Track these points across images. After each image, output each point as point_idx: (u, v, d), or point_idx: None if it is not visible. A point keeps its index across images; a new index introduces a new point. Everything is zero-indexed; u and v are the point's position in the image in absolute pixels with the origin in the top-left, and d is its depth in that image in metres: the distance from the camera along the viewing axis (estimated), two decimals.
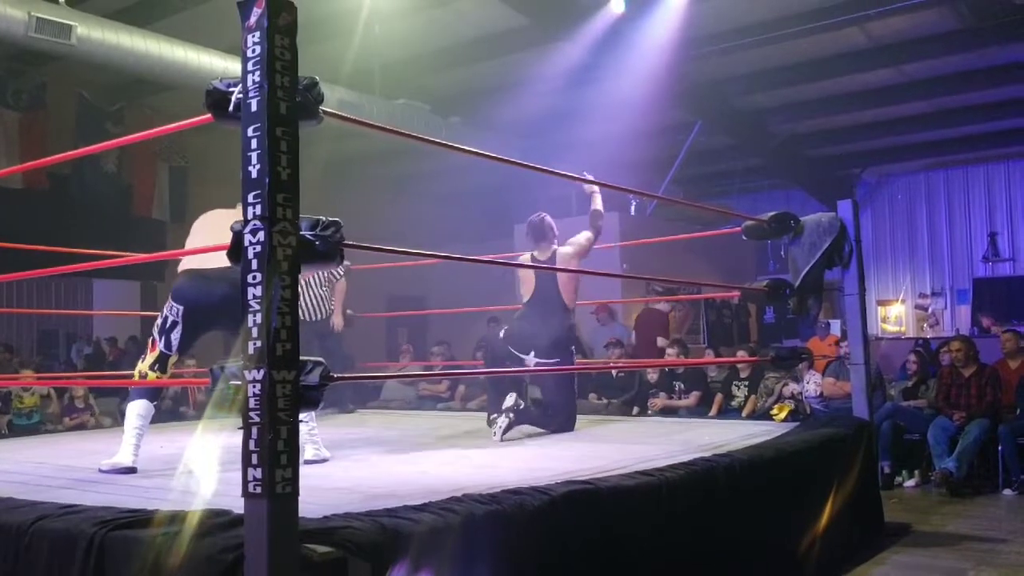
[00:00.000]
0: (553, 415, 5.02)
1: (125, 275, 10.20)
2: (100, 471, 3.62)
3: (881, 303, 13.92)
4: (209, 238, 3.63)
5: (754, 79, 10.17)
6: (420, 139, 3.56)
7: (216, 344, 4.31)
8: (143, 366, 3.79)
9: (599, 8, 8.25)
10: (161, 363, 3.77)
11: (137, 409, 3.75)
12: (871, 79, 10.17)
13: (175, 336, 3.74)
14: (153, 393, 3.85)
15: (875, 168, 14.09)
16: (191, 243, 3.91)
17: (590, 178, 4.98)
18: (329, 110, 2.57)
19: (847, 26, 8.51)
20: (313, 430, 3.91)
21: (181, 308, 3.74)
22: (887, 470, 6.40)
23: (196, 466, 3.47)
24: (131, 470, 3.61)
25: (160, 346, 3.76)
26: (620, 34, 8.40)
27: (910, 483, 6.49)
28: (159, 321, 3.80)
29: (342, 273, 6.47)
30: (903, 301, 13.91)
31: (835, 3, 8.16)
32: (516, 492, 2.68)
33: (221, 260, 2.86)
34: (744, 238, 5.07)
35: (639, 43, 8.45)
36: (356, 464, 3.89)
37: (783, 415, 5.91)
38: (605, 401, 7.75)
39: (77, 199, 9.56)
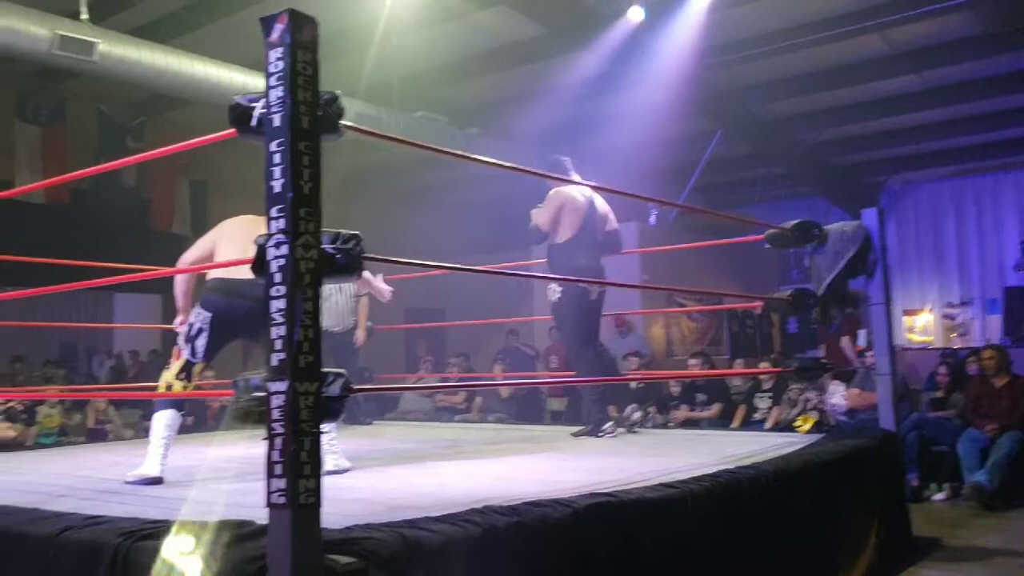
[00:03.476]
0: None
1: (146, 289, 10.27)
2: (126, 483, 3.63)
3: (907, 312, 13.76)
4: (238, 249, 3.66)
5: (775, 87, 10.13)
6: (438, 151, 3.56)
7: (236, 356, 4.32)
8: (169, 376, 3.82)
9: (618, 18, 8.24)
10: (187, 371, 3.80)
11: (164, 419, 3.75)
12: (894, 86, 10.09)
13: (200, 343, 3.77)
14: (179, 403, 3.85)
15: (900, 176, 13.96)
16: (218, 248, 3.92)
17: None
18: (349, 124, 2.57)
19: (868, 32, 8.45)
20: (333, 440, 3.91)
21: (209, 316, 3.77)
22: (915, 483, 6.32)
23: (217, 478, 3.47)
24: (158, 480, 3.62)
25: (185, 354, 3.79)
26: (639, 43, 8.38)
27: (939, 496, 6.40)
28: (185, 330, 3.83)
29: (366, 289, 6.49)
30: (930, 310, 13.75)
31: (856, 10, 8.11)
32: (537, 504, 2.66)
33: (249, 272, 2.96)
34: (767, 247, 5.04)
35: (658, 52, 8.43)
36: (375, 475, 3.88)
37: (807, 426, 5.84)
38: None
39: (97, 214, 9.65)
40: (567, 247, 5.36)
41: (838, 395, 6.78)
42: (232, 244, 3.83)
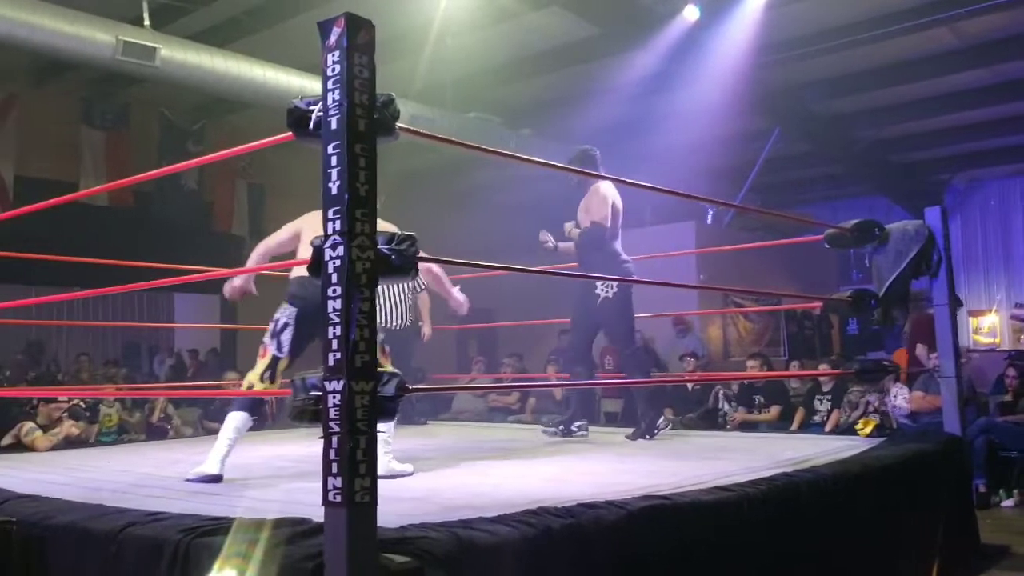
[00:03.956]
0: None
1: (205, 289, 10.47)
2: (187, 480, 3.69)
3: (973, 314, 13.40)
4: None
5: (835, 84, 9.93)
6: (490, 151, 3.55)
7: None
8: (252, 376, 3.88)
9: (672, 16, 8.17)
10: (272, 369, 3.86)
11: (235, 421, 3.82)
12: (961, 80, 9.80)
13: (286, 338, 3.85)
14: (254, 407, 3.92)
15: (966, 173, 13.60)
16: (303, 239, 3.98)
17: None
18: (404, 126, 2.59)
19: (936, 26, 8.24)
20: (390, 437, 3.93)
21: (295, 311, 3.87)
22: (982, 488, 6.14)
23: (275, 476, 3.51)
24: (217, 478, 3.68)
25: (272, 349, 3.86)
26: (695, 41, 8.29)
27: (1008, 503, 6.21)
28: (271, 326, 3.92)
29: (424, 285, 6.51)
30: (996, 311, 13.37)
31: (923, 3, 7.92)
32: (592, 506, 2.65)
33: None
34: (826, 246, 4.94)
35: (714, 50, 8.33)
36: (430, 475, 3.90)
37: (868, 430, 5.71)
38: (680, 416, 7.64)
39: (159, 216, 9.86)
40: (614, 244, 5.33)
41: (900, 397, 6.61)
42: (307, 242, 3.89)
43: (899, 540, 3.88)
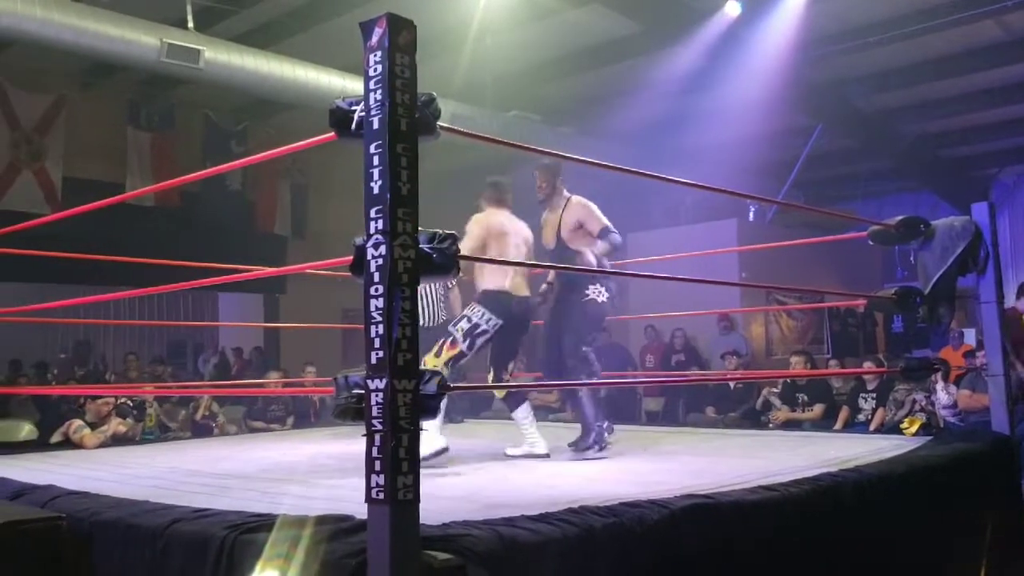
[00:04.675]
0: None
1: (249, 288, 10.60)
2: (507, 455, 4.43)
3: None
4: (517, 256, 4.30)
5: (879, 78, 9.79)
6: (530, 149, 3.55)
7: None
8: (438, 361, 4.16)
9: (714, 12, 8.11)
10: (455, 361, 4.21)
11: (526, 411, 4.51)
12: (1008, 74, 9.63)
13: (480, 342, 4.25)
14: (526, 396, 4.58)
15: (1013, 168, 13.33)
16: (490, 246, 4.33)
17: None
18: (445, 124, 2.59)
19: (981, 19, 8.09)
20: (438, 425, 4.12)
21: (500, 323, 4.24)
22: None
23: (318, 473, 3.54)
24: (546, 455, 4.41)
25: (463, 346, 4.20)
26: (736, 37, 8.23)
27: None
28: (465, 325, 4.24)
29: (453, 283, 6.53)
30: None
31: None
32: (635, 505, 2.63)
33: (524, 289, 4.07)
34: (871, 243, 4.87)
35: (756, 46, 8.26)
36: (472, 473, 3.92)
37: (914, 429, 5.63)
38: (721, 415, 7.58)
39: (204, 216, 10.00)
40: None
41: (947, 396, 6.50)
42: (508, 249, 4.33)
43: (945, 541, 3.81)
